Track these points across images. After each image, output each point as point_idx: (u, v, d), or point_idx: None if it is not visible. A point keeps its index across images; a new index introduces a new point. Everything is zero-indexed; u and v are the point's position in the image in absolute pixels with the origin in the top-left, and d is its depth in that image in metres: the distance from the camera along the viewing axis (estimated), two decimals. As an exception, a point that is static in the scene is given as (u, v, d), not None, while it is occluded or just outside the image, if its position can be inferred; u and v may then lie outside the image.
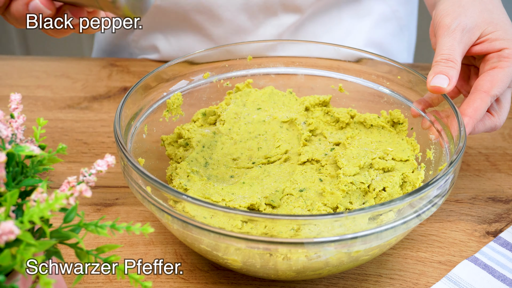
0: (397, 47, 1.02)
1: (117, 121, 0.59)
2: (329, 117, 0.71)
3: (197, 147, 0.66)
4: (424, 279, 0.61)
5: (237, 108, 0.71)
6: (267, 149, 0.67)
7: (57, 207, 0.42)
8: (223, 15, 0.90)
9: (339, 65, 0.73)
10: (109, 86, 0.91)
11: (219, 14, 0.90)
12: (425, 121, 0.65)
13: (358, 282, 0.60)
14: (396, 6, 0.98)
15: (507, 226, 0.66)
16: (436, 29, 0.65)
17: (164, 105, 0.69)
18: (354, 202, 0.61)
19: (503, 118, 0.66)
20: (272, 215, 0.51)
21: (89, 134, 0.81)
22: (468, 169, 0.75)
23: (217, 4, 0.89)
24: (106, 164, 0.47)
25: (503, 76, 0.63)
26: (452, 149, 0.60)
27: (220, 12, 0.90)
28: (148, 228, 0.44)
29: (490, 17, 0.65)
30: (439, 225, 0.67)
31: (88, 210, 0.69)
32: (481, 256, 0.62)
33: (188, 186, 0.61)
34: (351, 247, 0.52)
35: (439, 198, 0.55)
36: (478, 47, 0.64)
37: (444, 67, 0.61)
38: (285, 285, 0.60)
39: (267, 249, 0.52)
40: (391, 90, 0.70)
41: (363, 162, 0.63)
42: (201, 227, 0.51)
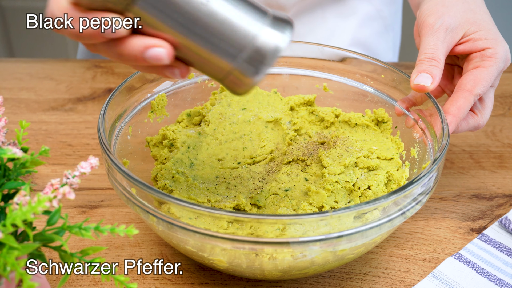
0: (382, 47, 1.02)
1: (101, 123, 0.59)
2: (314, 116, 0.71)
3: (182, 148, 0.66)
4: (409, 276, 0.61)
5: (222, 108, 0.71)
6: (252, 149, 0.67)
7: (40, 210, 0.42)
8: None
9: (324, 65, 0.73)
10: (93, 88, 0.91)
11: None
12: (409, 119, 0.66)
13: (344, 280, 0.61)
14: (381, 5, 0.98)
15: (491, 223, 0.67)
16: (420, 29, 0.66)
17: (149, 106, 0.69)
18: (340, 201, 0.61)
19: (486, 117, 0.66)
20: (257, 215, 0.51)
21: (74, 136, 0.81)
22: (452, 166, 0.76)
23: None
24: (89, 166, 0.47)
25: (486, 75, 0.63)
26: (435, 147, 0.60)
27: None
28: (133, 230, 0.44)
29: (473, 17, 0.65)
30: (424, 223, 0.67)
31: (73, 212, 0.68)
32: (465, 253, 0.63)
33: (173, 187, 0.61)
34: (336, 246, 0.52)
35: (423, 195, 0.55)
36: (461, 46, 0.65)
37: (428, 66, 0.62)
38: (271, 284, 0.60)
39: (253, 249, 0.52)
40: (375, 89, 0.70)
41: (348, 161, 0.63)
42: (186, 228, 0.51)
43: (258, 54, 0.45)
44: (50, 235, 0.45)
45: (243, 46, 0.45)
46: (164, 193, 0.52)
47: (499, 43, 0.64)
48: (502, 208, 0.69)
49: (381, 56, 1.02)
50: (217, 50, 0.45)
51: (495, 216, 0.68)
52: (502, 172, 0.75)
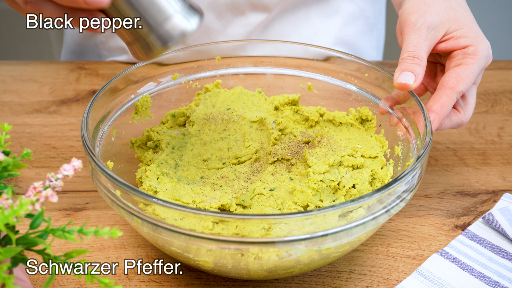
0: (366, 46, 1.03)
1: (84, 125, 0.59)
2: (299, 116, 0.71)
3: (167, 149, 0.66)
4: (395, 274, 0.61)
5: (206, 109, 0.71)
6: (237, 149, 0.67)
7: (22, 213, 0.41)
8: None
9: (308, 64, 0.73)
10: (77, 90, 0.90)
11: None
12: (393, 118, 0.66)
13: (330, 279, 0.61)
14: (364, 5, 0.98)
15: (475, 219, 0.68)
16: (402, 27, 0.66)
17: (133, 108, 0.68)
18: (325, 200, 0.61)
19: (469, 114, 0.67)
20: (242, 215, 0.51)
21: (58, 138, 0.80)
22: (437, 164, 0.76)
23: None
24: (72, 169, 0.47)
25: (468, 72, 0.64)
26: (419, 144, 0.60)
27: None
28: (117, 232, 0.44)
29: (455, 15, 0.66)
30: (409, 220, 0.68)
31: (58, 215, 0.68)
32: (450, 250, 0.63)
33: (158, 188, 0.61)
34: (321, 245, 0.52)
35: (407, 193, 0.56)
36: (443, 44, 0.65)
37: (410, 64, 0.62)
38: (257, 284, 0.60)
39: (238, 249, 0.52)
40: (359, 87, 0.71)
41: (332, 160, 0.63)
42: (171, 229, 0.51)
43: (167, 33, 0.54)
44: (33, 238, 0.45)
45: (159, 23, 0.54)
46: (148, 195, 0.52)
47: (480, 40, 0.64)
48: (486, 204, 0.70)
49: (365, 55, 1.02)
50: (142, 16, 0.53)
51: (479, 213, 0.69)
52: (485, 168, 0.75)
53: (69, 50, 1.04)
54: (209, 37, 0.92)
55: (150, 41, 0.54)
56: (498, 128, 0.82)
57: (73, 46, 1.03)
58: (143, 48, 0.55)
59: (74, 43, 1.03)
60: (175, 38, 0.54)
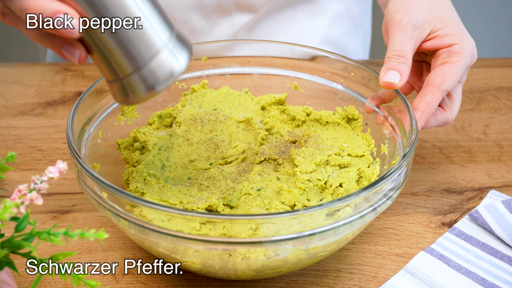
0: (353, 45, 1.03)
1: (70, 127, 0.58)
2: (285, 115, 0.71)
3: (153, 150, 0.66)
4: (382, 272, 0.61)
5: (193, 109, 0.71)
6: (224, 149, 0.67)
7: (7, 216, 0.41)
8: (177, 15, 0.90)
9: (295, 64, 0.74)
10: (63, 91, 0.90)
11: (173, 15, 0.90)
12: (379, 116, 0.66)
13: (318, 278, 0.61)
14: (350, 4, 0.99)
15: (461, 217, 0.68)
16: (387, 26, 0.66)
17: (119, 109, 0.68)
18: (312, 199, 0.61)
19: (454, 112, 0.67)
20: (230, 216, 0.51)
21: (44, 140, 0.80)
22: (423, 162, 0.77)
23: (170, 5, 0.89)
24: (58, 171, 0.46)
25: (454, 71, 0.64)
26: (405, 143, 0.61)
27: (173, 12, 0.89)
28: (103, 234, 0.44)
29: (440, 13, 0.66)
30: (396, 218, 0.68)
31: (44, 218, 0.68)
32: (437, 247, 0.63)
33: (144, 189, 0.61)
34: (309, 244, 0.52)
35: (394, 191, 0.56)
36: (428, 43, 0.66)
37: (396, 63, 0.62)
38: (245, 284, 0.60)
39: (226, 249, 0.52)
40: (345, 87, 0.71)
41: (319, 159, 0.63)
42: (158, 230, 0.51)
43: (152, 74, 0.44)
44: (18, 241, 0.44)
45: (142, 60, 0.44)
46: (134, 196, 0.51)
47: (465, 39, 0.65)
48: (472, 201, 0.70)
49: (351, 54, 1.03)
50: (122, 51, 0.44)
51: (465, 210, 0.69)
52: (471, 166, 0.76)
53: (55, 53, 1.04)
54: (195, 38, 0.92)
55: (132, 82, 0.45)
56: (483, 126, 0.83)
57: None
58: (121, 91, 0.46)
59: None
60: (161, 81, 0.45)
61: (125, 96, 0.47)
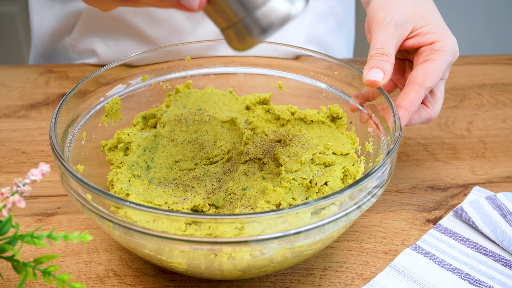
0: (337, 44, 1.03)
1: (53, 129, 0.58)
2: (270, 115, 0.71)
3: (138, 151, 0.66)
4: (368, 269, 0.62)
5: (177, 110, 0.70)
6: (209, 149, 0.67)
7: (-11, 219, 0.41)
8: (160, 15, 0.89)
9: (279, 63, 0.74)
10: (47, 93, 0.89)
11: (156, 15, 0.89)
12: (363, 114, 0.67)
13: (304, 276, 0.61)
14: (333, 3, 0.99)
15: (446, 213, 0.69)
16: (370, 25, 0.66)
17: (103, 110, 0.68)
18: (297, 198, 0.61)
19: (437, 109, 0.68)
20: (215, 216, 0.51)
21: (28, 143, 0.79)
22: (408, 159, 0.77)
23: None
24: (40, 173, 0.46)
25: (436, 68, 0.64)
26: (389, 140, 0.61)
27: (156, 12, 0.89)
28: (87, 236, 0.44)
29: (421, 11, 0.66)
30: (382, 216, 0.68)
31: (29, 221, 0.67)
32: (422, 244, 0.64)
33: (129, 190, 0.61)
34: (294, 243, 0.52)
35: (378, 188, 0.56)
36: (410, 41, 0.66)
37: (379, 61, 0.63)
38: (232, 284, 0.60)
39: (211, 250, 0.52)
40: (330, 85, 0.71)
41: (304, 158, 0.63)
42: (142, 231, 0.51)
43: (266, 17, 0.46)
44: (1, 245, 0.44)
45: (257, 4, 0.45)
46: (119, 198, 0.51)
47: (446, 36, 0.65)
48: (457, 198, 0.71)
49: (335, 53, 1.03)
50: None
51: (450, 206, 0.70)
52: (455, 163, 0.76)
53: (38, 54, 1.03)
54: (179, 38, 0.92)
55: (246, 27, 0.46)
56: (467, 123, 0.84)
57: (41, 50, 1.02)
58: (237, 36, 0.47)
59: (42, 46, 1.01)
60: (275, 23, 0.46)
61: (242, 40, 0.47)
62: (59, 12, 0.95)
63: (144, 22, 0.90)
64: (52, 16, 0.96)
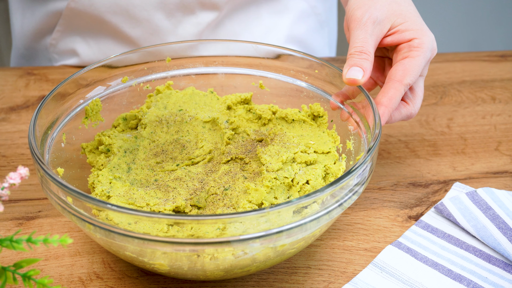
0: (318, 43, 1.04)
1: (32, 132, 0.57)
2: (251, 114, 0.72)
3: (119, 153, 0.65)
4: (351, 267, 0.62)
5: (158, 111, 0.70)
6: (191, 150, 0.67)
7: (-34, 225, 0.40)
8: (140, 15, 0.89)
9: (260, 63, 0.74)
10: (26, 96, 0.88)
11: (135, 14, 0.89)
12: (344, 113, 0.67)
13: (288, 275, 0.61)
14: (314, 2, 0.99)
15: (427, 210, 0.69)
16: (348, 23, 0.67)
17: (83, 112, 0.67)
18: (279, 197, 0.61)
19: (417, 106, 0.68)
20: (197, 216, 0.51)
21: (8, 146, 0.78)
22: (389, 156, 0.77)
23: (133, 4, 0.88)
24: (19, 177, 0.46)
25: (414, 65, 0.65)
26: (369, 138, 0.61)
27: (136, 12, 0.89)
28: (67, 239, 0.43)
29: (399, 9, 0.67)
30: (364, 213, 0.68)
31: (10, 225, 0.66)
32: (404, 240, 0.64)
33: (111, 193, 0.60)
34: (276, 242, 0.52)
35: (359, 186, 0.56)
36: (389, 38, 0.67)
37: (358, 60, 0.63)
38: (215, 285, 0.60)
39: (193, 250, 0.51)
40: (310, 84, 0.71)
41: (285, 157, 0.63)
42: (124, 234, 0.51)
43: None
44: (-20, 250, 0.44)
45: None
46: (99, 200, 0.51)
47: (424, 33, 0.66)
48: (438, 194, 0.71)
49: (317, 52, 1.03)
50: None
51: (431, 203, 0.70)
52: (436, 159, 0.77)
53: (19, 54, 1.02)
54: (159, 38, 0.91)
55: None
56: (447, 119, 0.84)
57: (22, 50, 1.01)
58: None
59: (23, 47, 1.00)
60: None
61: None
62: (40, 12, 0.94)
63: (124, 22, 0.90)
64: (32, 16, 0.95)
